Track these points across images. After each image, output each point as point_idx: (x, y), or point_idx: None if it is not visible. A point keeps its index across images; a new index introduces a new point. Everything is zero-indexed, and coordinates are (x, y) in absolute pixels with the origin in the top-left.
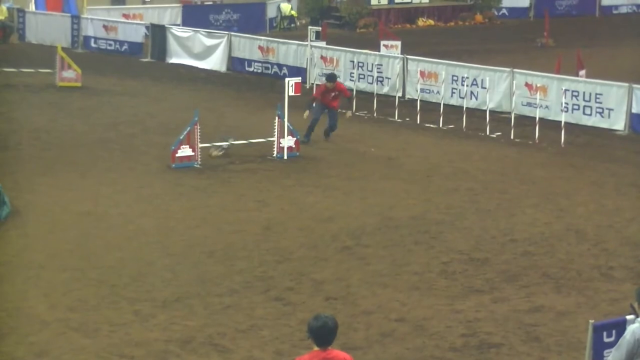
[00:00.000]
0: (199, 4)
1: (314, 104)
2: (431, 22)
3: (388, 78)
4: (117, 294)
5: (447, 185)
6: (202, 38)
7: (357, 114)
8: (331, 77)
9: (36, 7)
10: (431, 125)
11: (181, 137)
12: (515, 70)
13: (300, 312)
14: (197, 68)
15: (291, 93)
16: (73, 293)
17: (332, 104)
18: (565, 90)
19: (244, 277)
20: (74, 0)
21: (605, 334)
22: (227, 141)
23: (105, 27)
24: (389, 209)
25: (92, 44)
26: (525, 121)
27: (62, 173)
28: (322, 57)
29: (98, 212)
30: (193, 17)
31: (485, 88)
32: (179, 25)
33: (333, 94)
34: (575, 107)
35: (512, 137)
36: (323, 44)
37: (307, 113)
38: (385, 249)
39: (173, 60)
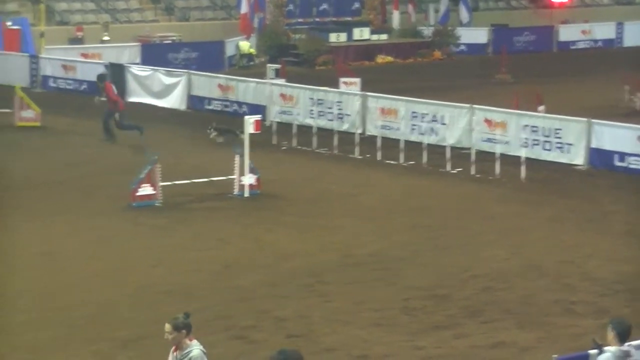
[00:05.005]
0: (157, 43)
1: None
2: (390, 58)
3: (348, 115)
4: (76, 335)
5: (406, 222)
6: (161, 77)
7: (317, 150)
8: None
9: None
10: (391, 162)
11: (141, 176)
12: (474, 106)
13: (262, 350)
14: (156, 107)
15: (251, 131)
16: (32, 334)
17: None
18: (525, 125)
19: (204, 315)
20: (31, 40)
21: None
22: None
23: (64, 66)
24: (349, 246)
25: (51, 84)
26: (485, 157)
27: (20, 214)
28: (281, 95)
29: (56, 252)
30: (152, 55)
31: (445, 124)
32: (137, 64)
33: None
34: (535, 142)
35: (472, 172)
36: (283, 81)
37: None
38: (345, 286)
39: (132, 99)
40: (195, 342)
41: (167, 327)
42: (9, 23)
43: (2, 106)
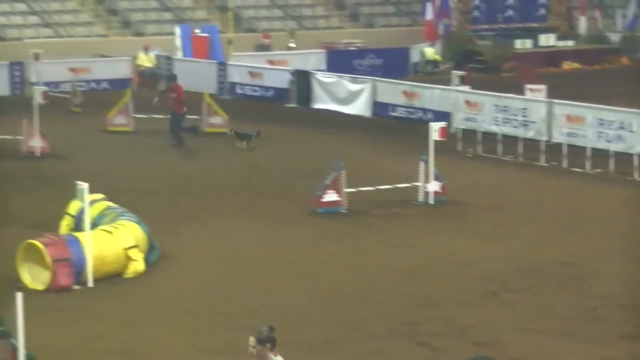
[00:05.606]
0: (342, 49)
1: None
2: (576, 65)
3: (533, 122)
4: None
5: (592, 230)
6: (346, 83)
7: (502, 158)
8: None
9: (183, 55)
10: (577, 170)
11: (327, 182)
12: None
13: (447, 357)
14: (341, 113)
15: (436, 138)
16: (220, 337)
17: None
18: None
19: (389, 322)
20: (220, 47)
21: None
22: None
23: (250, 73)
24: (533, 254)
25: (238, 90)
26: None
27: (207, 217)
28: (466, 102)
29: (242, 256)
30: (337, 62)
31: (633, 132)
32: (323, 70)
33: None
34: None
35: None
36: (468, 88)
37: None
38: (530, 293)
39: (318, 105)
40: (279, 357)
41: (251, 340)
42: (197, 31)
43: (191, 112)
